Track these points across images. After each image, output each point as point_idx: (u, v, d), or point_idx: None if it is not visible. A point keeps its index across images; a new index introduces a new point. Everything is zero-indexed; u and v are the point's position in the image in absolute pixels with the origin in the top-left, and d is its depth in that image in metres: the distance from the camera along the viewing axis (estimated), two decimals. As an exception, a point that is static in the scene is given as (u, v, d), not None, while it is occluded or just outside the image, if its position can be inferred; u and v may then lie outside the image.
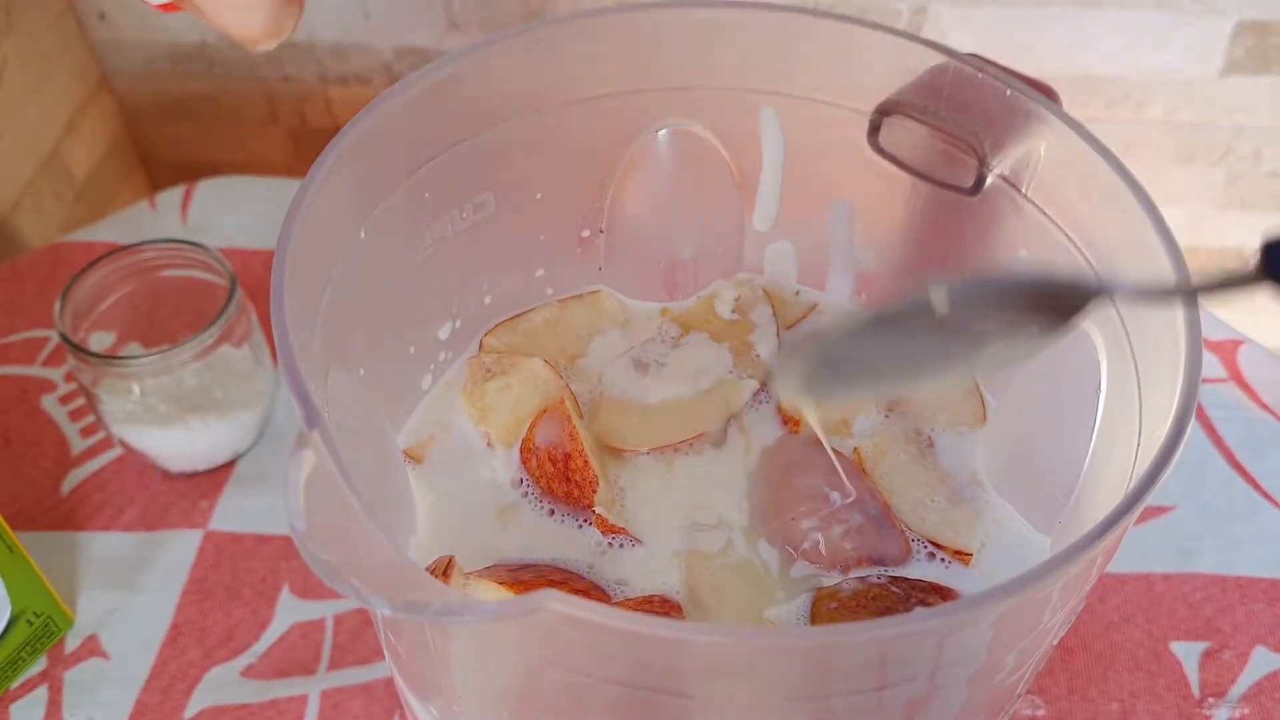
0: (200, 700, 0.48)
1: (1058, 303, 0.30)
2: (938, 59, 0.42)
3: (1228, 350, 0.62)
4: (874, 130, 0.45)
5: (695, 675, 0.31)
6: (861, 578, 0.43)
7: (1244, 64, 0.76)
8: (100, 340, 0.57)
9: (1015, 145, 0.42)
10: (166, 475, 0.57)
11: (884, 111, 0.45)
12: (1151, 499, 0.31)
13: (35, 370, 0.62)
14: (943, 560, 0.44)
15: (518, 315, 0.52)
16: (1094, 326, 0.40)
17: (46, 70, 0.76)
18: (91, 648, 0.50)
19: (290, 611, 0.51)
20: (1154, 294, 0.31)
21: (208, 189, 0.72)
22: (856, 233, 0.51)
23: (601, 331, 0.52)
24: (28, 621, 0.48)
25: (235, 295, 0.54)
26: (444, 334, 0.50)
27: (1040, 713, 0.48)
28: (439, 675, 0.36)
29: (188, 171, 0.81)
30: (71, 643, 0.50)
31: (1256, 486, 0.56)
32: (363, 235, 0.41)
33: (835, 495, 0.44)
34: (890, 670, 0.31)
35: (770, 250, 0.53)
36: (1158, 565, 0.53)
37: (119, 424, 0.54)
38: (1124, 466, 0.36)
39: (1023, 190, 0.42)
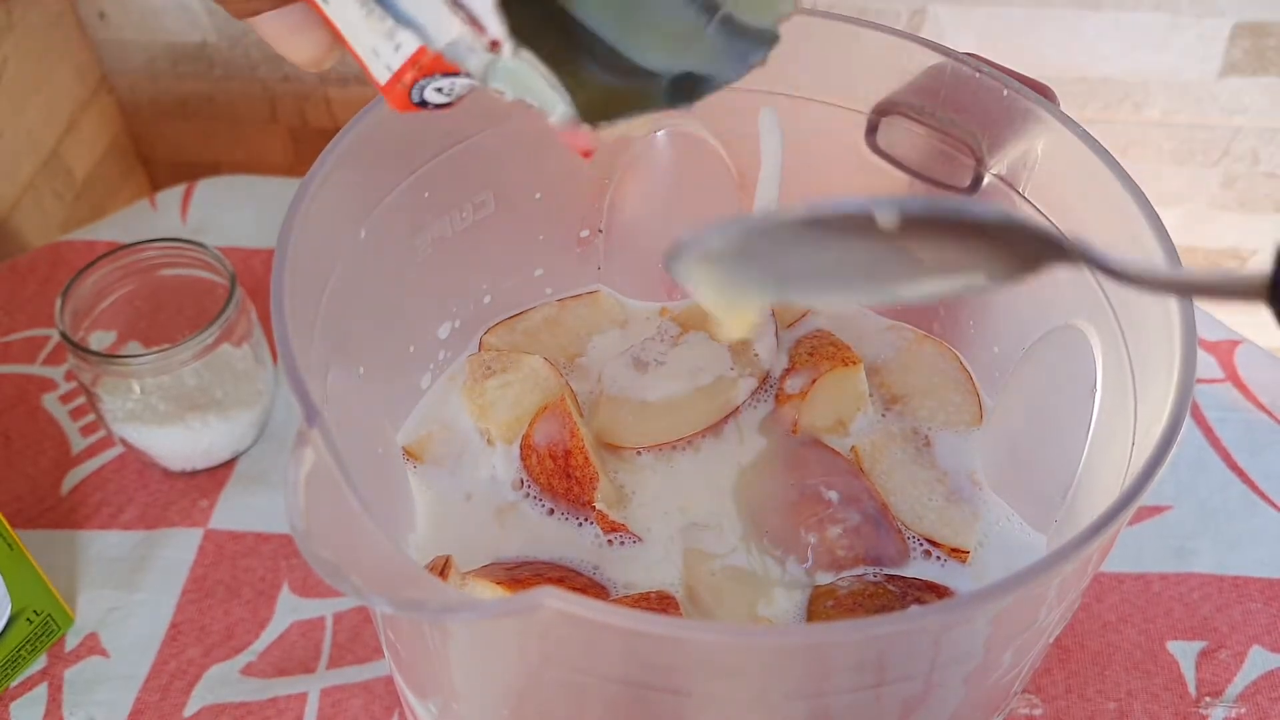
0: (200, 698, 0.48)
1: (1018, 252, 0.27)
2: (935, 59, 0.43)
3: (1225, 351, 0.62)
4: (872, 130, 0.45)
5: (693, 673, 0.31)
6: (858, 576, 0.43)
7: (1242, 65, 0.76)
8: (100, 339, 0.57)
9: (1013, 145, 0.42)
10: (166, 474, 0.57)
11: (882, 111, 0.45)
12: (1149, 499, 0.31)
13: (35, 369, 0.62)
14: (939, 559, 0.44)
15: (517, 314, 0.52)
16: (1090, 326, 0.40)
17: (46, 70, 0.77)
18: (91, 646, 0.50)
19: (290, 610, 0.52)
20: (1137, 280, 0.27)
21: (208, 188, 0.72)
22: (855, 233, 0.51)
23: (601, 330, 0.52)
24: (28, 620, 0.48)
25: (235, 294, 0.54)
26: (443, 333, 0.50)
27: (1037, 711, 0.48)
28: (438, 673, 0.37)
29: (188, 171, 0.81)
30: (71, 641, 0.51)
31: (1253, 487, 0.56)
32: (363, 235, 0.41)
33: (832, 494, 0.44)
34: (887, 668, 0.31)
35: (769, 250, 0.53)
36: (1155, 565, 0.53)
37: (119, 423, 0.54)
38: (1119, 466, 0.36)
39: (1020, 190, 0.42)
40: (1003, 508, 0.46)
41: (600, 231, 0.52)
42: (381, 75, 0.30)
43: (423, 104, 0.31)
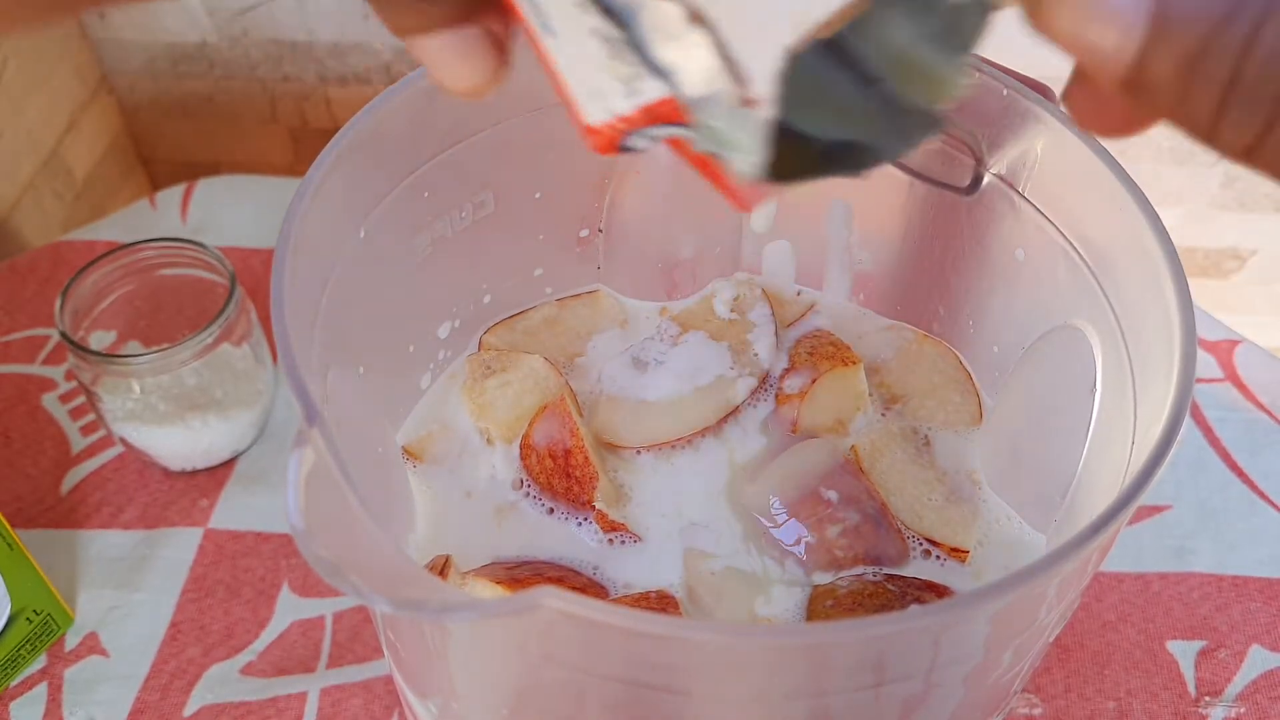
0: (200, 698, 0.48)
1: None
2: (935, 59, 0.42)
3: (1224, 350, 0.62)
4: (872, 130, 0.45)
5: (692, 672, 0.31)
6: (858, 576, 0.43)
7: (1242, 65, 0.76)
8: (100, 339, 0.57)
9: (1012, 145, 0.42)
10: (166, 473, 0.57)
11: (882, 112, 0.45)
12: (1148, 498, 0.31)
13: (35, 369, 0.62)
14: (939, 558, 0.44)
15: (517, 314, 0.52)
16: (1090, 326, 0.40)
17: (46, 70, 0.77)
18: (91, 645, 0.50)
19: (290, 609, 0.52)
20: None
21: (208, 188, 0.72)
22: (854, 232, 0.51)
23: (600, 330, 0.52)
24: (27, 619, 0.48)
25: (235, 294, 0.54)
26: (443, 333, 0.50)
27: (1037, 711, 0.48)
28: (438, 673, 0.37)
29: (188, 171, 0.81)
30: (71, 640, 0.51)
31: (1253, 487, 0.56)
32: (362, 235, 0.41)
33: (832, 494, 0.44)
34: (886, 668, 0.31)
35: (768, 250, 0.53)
36: (1154, 564, 0.53)
37: (119, 422, 0.54)
38: (1119, 465, 0.36)
39: (1019, 190, 0.42)
40: (1002, 507, 0.46)
41: (600, 231, 0.52)
42: (596, 116, 0.29)
43: (623, 149, 0.30)
